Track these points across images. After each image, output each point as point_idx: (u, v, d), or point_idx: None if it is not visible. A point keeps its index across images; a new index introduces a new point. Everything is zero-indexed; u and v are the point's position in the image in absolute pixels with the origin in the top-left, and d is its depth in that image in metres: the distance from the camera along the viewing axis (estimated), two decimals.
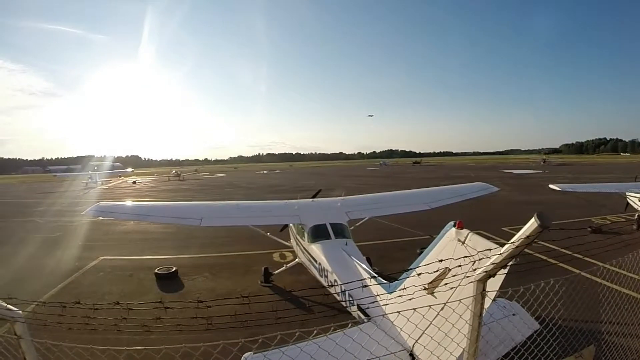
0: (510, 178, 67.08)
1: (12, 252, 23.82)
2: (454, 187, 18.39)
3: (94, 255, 21.46)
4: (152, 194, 63.14)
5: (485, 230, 20.35)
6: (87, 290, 16.08)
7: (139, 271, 18.13)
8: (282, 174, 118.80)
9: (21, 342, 3.90)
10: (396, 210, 15.46)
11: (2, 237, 29.68)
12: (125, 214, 15.63)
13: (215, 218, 14.32)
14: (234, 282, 16.07)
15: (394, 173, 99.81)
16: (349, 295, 8.53)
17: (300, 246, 13.78)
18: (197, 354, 4.22)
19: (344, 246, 11.28)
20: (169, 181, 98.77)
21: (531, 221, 3.45)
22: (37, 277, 18.15)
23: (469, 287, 4.41)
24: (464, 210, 18.10)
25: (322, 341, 5.33)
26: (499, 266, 3.98)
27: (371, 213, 15.25)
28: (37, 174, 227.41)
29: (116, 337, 3.93)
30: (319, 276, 11.44)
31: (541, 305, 6.33)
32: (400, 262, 16.08)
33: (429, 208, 15.08)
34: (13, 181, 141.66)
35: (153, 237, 25.76)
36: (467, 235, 5.12)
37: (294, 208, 14.36)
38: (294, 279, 15.29)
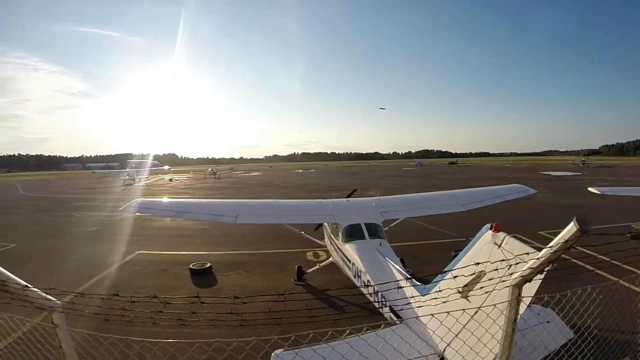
0: (548, 180, 65.54)
1: (52, 245, 24.48)
2: (491, 189, 18.06)
3: (130, 249, 21.91)
4: (189, 192, 63.90)
5: (521, 234, 19.99)
6: (122, 283, 16.39)
7: (174, 266, 18.38)
8: (316, 173, 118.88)
9: (58, 331, 3.96)
10: (431, 211, 15.25)
11: (43, 231, 30.58)
12: (162, 210, 15.80)
13: (251, 216, 14.38)
14: (267, 280, 16.13)
15: (429, 173, 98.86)
16: (382, 296, 8.47)
17: (334, 245, 13.74)
18: (230, 349, 4.24)
19: (378, 246, 11.18)
20: (205, 179, 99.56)
21: (570, 225, 3.36)
22: (75, 269, 18.60)
23: (504, 291, 4.32)
24: (500, 212, 17.79)
25: (353, 341, 5.30)
26: (535, 271, 3.89)
27: (406, 214, 15.15)
28: (77, 171, 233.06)
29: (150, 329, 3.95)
30: (352, 276, 11.38)
31: (577, 313, 6.14)
32: (434, 264, 15.94)
33: (465, 210, 14.84)
34: (53, 177, 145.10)
35: (188, 234, 26.05)
36: (504, 238, 5.02)
37: (328, 207, 14.35)
38: (327, 278, 15.27)
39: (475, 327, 4.98)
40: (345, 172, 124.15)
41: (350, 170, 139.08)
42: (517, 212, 27.57)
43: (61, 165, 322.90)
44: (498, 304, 4.48)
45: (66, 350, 4.02)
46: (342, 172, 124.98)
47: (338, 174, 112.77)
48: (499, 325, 4.51)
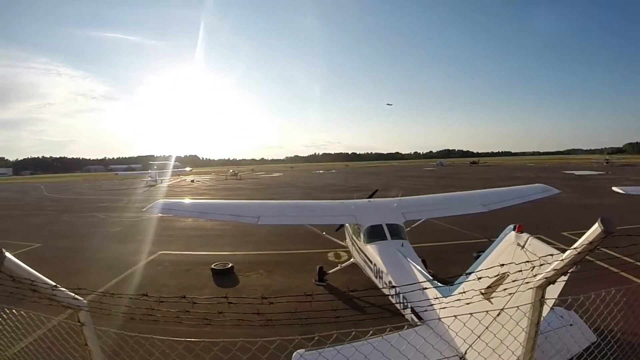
0: (571, 179, 64.37)
1: (75, 245, 24.91)
2: (513, 189, 17.81)
3: (152, 249, 22.13)
4: (210, 193, 64.34)
5: (544, 234, 19.65)
6: (145, 282, 16.58)
7: (195, 266, 18.51)
8: (338, 174, 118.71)
9: (84, 329, 4.04)
10: (453, 212, 15.17)
11: (67, 231, 31.08)
12: (185, 211, 15.95)
13: (273, 217, 14.41)
14: (288, 280, 16.17)
15: (450, 173, 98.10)
16: (403, 297, 8.44)
17: (356, 246, 13.72)
18: (254, 349, 4.27)
19: (400, 247, 11.13)
20: (226, 180, 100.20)
21: (595, 226, 3.33)
22: (98, 268, 18.87)
23: (527, 293, 4.29)
24: (522, 212, 17.58)
25: (374, 342, 5.26)
26: (559, 273, 3.85)
27: (428, 214, 15.07)
28: (100, 173, 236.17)
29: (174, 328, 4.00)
30: (374, 277, 11.35)
31: (600, 315, 6.00)
32: (456, 265, 15.83)
33: (487, 210, 14.70)
34: (77, 179, 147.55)
35: (210, 234, 26.24)
36: (527, 239, 4.97)
37: (350, 208, 14.31)
38: (348, 279, 15.21)
39: (498, 329, 4.94)
40: (366, 172, 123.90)
41: (371, 170, 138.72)
42: (539, 212, 27.20)
43: (84, 167, 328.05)
44: (521, 305, 4.44)
45: (92, 348, 4.10)
46: (363, 172, 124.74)
47: (359, 174, 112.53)
48: (522, 327, 4.48)
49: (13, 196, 76.12)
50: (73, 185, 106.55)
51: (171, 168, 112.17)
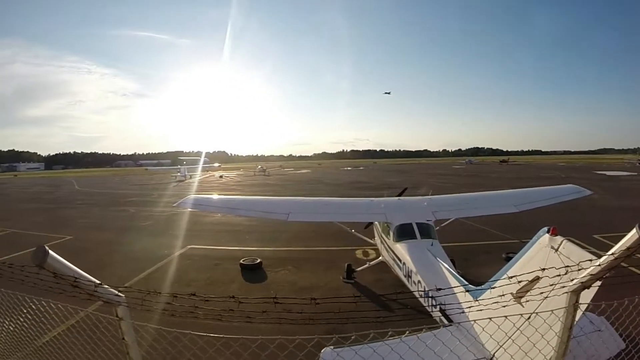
0: (603, 180, 62.60)
1: (106, 238, 25.42)
2: (544, 189, 17.56)
3: (182, 243, 22.43)
4: (239, 188, 64.73)
5: (575, 237, 19.27)
6: (175, 276, 16.83)
7: (224, 261, 18.70)
8: (365, 171, 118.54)
9: (122, 324, 4.14)
10: (483, 211, 14.96)
11: (98, 224, 31.71)
12: (215, 206, 16.07)
13: (302, 213, 14.38)
14: (316, 277, 16.21)
15: (480, 172, 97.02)
16: (432, 297, 8.37)
17: (385, 245, 13.68)
18: (273, 347, 4.31)
19: (429, 247, 11.06)
20: (255, 176, 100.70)
21: (632, 232, 3.29)
22: (128, 261, 19.24)
23: (560, 297, 4.24)
24: (551, 213, 17.20)
25: (402, 341, 5.27)
26: (595, 278, 3.81)
27: (458, 214, 14.90)
28: (130, 168, 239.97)
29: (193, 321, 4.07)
30: (403, 276, 11.32)
31: (633, 322, 5.89)
32: (484, 266, 15.65)
33: (517, 211, 14.46)
34: (107, 174, 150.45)
35: (239, 229, 26.39)
36: (562, 242, 4.92)
37: (380, 206, 14.28)
38: (376, 277, 15.14)
39: (528, 333, 4.89)
40: (394, 169, 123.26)
41: (399, 167, 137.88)
42: (570, 214, 26.54)
43: (114, 163, 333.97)
44: (555, 309, 4.40)
45: (129, 342, 4.19)
46: (391, 169, 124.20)
47: (387, 171, 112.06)
48: (555, 331, 4.43)
49: (45, 190, 77.65)
50: (104, 180, 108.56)
51: (200, 164, 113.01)
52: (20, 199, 60.03)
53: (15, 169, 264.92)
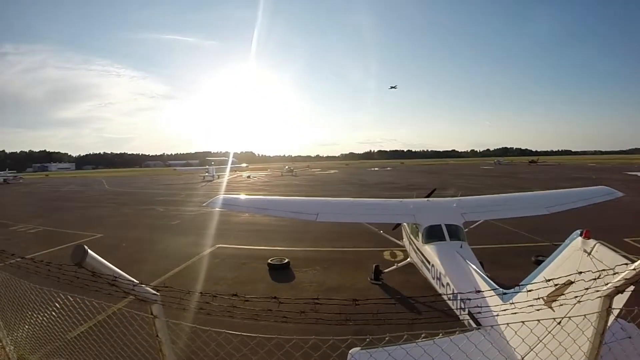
0: (635, 181, 60.39)
1: (135, 236, 25.89)
2: (575, 191, 17.11)
3: (210, 242, 22.68)
4: (266, 189, 65.03)
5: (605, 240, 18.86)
6: (203, 274, 17.02)
7: (252, 260, 18.82)
8: (393, 172, 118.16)
9: (156, 322, 4.22)
10: (513, 213, 14.69)
11: (127, 223, 32.22)
12: (244, 206, 16.13)
13: (331, 214, 14.30)
14: (344, 277, 16.19)
15: (508, 173, 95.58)
16: (461, 300, 8.27)
17: (413, 246, 13.58)
18: (307, 347, 4.33)
19: (458, 249, 10.89)
20: (282, 176, 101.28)
21: None
22: (157, 259, 19.54)
23: (592, 302, 4.19)
24: (581, 215, 16.86)
25: (430, 345, 5.22)
26: (629, 282, 3.76)
27: (487, 215, 14.62)
28: (159, 168, 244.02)
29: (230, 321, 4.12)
30: (431, 278, 11.23)
31: None
32: (514, 269, 15.50)
33: (548, 213, 14.14)
34: (136, 174, 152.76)
35: (267, 229, 26.54)
36: (595, 246, 4.84)
37: (409, 207, 14.13)
38: (403, 279, 15.11)
39: (559, 338, 4.83)
40: (422, 170, 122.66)
41: (427, 168, 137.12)
42: (599, 216, 25.88)
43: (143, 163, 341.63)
44: (587, 314, 4.34)
45: (162, 340, 4.27)
46: (418, 170, 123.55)
47: (415, 172, 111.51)
48: (587, 336, 4.37)
49: (76, 189, 79.60)
50: (133, 180, 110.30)
51: (228, 164, 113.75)
52: (51, 197, 61.40)
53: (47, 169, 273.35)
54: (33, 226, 31.44)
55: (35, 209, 43.74)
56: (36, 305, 7.16)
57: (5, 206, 48.98)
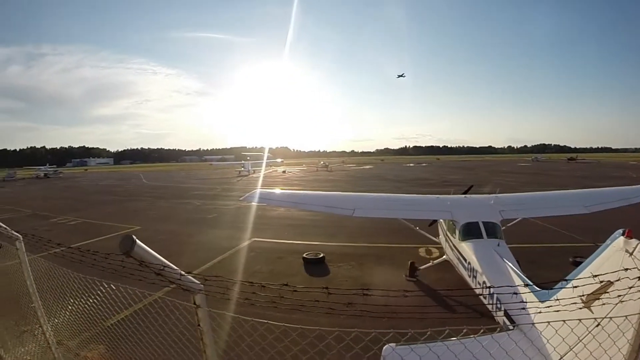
0: None
1: (172, 229, 26.39)
2: (615, 190, 16.68)
3: (246, 236, 23.05)
4: (302, 184, 65.27)
5: None
6: (239, 267, 17.34)
7: (287, 254, 19.03)
8: (428, 167, 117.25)
9: (198, 311, 4.31)
10: (551, 211, 14.44)
11: (164, 216, 32.86)
12: (281, 201, 16.25)
13: (368, 209, 14.34)
14: (378, 274, 16.21)
15: (546, 170, 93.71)
16: (497, 299, 8.20)
17: (450, 243, 13.52)
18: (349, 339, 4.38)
19: (496, 247, 10.80)
20: (317, 172, 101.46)
21: None
22: (194, 251, 19.92)
23: (632, 303, 4.14)
24: (617, 214, 16.45)
25: (465, 342, 5.20)
26: None
27: (525, 213, 14.39)
28: (195, 163, 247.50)
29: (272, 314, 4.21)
30: (467, 276, 11.16)
31: None
32: (551, 269, 15.30)
33: (587, 212, 13.85)
34: (173, 168, 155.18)
35: (301, 224, 26.77)
36: (637, 245, 4.76)
37: (446, 203, 14.09)
38: (439, 276, 15.03)
39: (598, 339, 4.78)
40: (457, 166, 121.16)
41: (463, 164, 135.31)
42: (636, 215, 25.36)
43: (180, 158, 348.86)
44: (628, 315, 4.28)
45: (204, 329, 4.36)
46: (454, 166, 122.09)
47: (450, 168, 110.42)
48: (627, 338, 4.32)
49: (115, 183, 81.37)
50: (170, 174, 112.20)
51: (264, 159, 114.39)
52: (91, 191, 62.95)
53: (86, 163, 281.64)
54: (73, 218, 32.46)
55: (74, 202, 45.01)
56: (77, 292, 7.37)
57: (46, 199, 50.46)
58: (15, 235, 7.79)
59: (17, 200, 49.55)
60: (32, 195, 58.34)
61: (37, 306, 7.86)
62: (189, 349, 6.11)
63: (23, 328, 9.57)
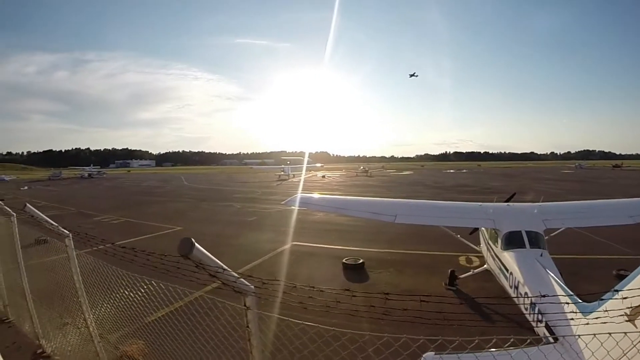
0: None
1: (213, 230, 26.95)
2: None
3: (285, 240, 23.21)
4: (341, 188, 65.27)
5: None
6: (278, 270, 17.46)
7: (327, 259, 19.14)
8: (469, 174, 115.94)
9: (248, 313, 4.47)
10: (597, 221, 14.01)
11: (205, 218, 33.63)
12: (323, 205, 16.41)
13: (410, 216, 14.26)
14: (418, 281, 16.14)
15: (591, 177, 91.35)
16: (539, 310, 8.06)
17: (491, 252, 13.33)
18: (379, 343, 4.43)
19: (538, 257, 10.61)
20: (357, 177, 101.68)
21: None
22: (233, 253, 20.18)
23: None
24: None
25: (505, 354, 5.22)
26: None
27: (569, 223, 14.03)
28: (235, 166, 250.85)
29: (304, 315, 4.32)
30: (508, 286, 10.99)
31: None
32: (594, 281, 14.88)
33: (633, 222, 13.35)
34: (214, 171, 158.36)
35: (341, 229, 26.72)
36: None
37: (488, 211, 13.82)
38: (479, 286, 14.88)
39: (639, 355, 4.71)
40: (499, 173, 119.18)
41: (504, 171, 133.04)
42: None
43: (220, 161, 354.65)
44: None
45: (252, 330, 4.51)
46: (495, 173, 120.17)
47: (491, 175, 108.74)
48: None
49: (156, 184, 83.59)
50: (210, 177, 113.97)
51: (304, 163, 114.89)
52: (133, 191, 64.77)
53: (129, 165, 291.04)
54: (116, 217, 33.57)
55: (117, 202, 46.41)
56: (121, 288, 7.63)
57: (90, 198, 52.08)
58: (65, 232, 8.12)
59: (63, 199, 51.42)
60: (77, 194, 60.43)
61: (83, 300, 8.17)
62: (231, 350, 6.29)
63: (65, 320, 10.03)
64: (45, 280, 10.53)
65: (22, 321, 11.39)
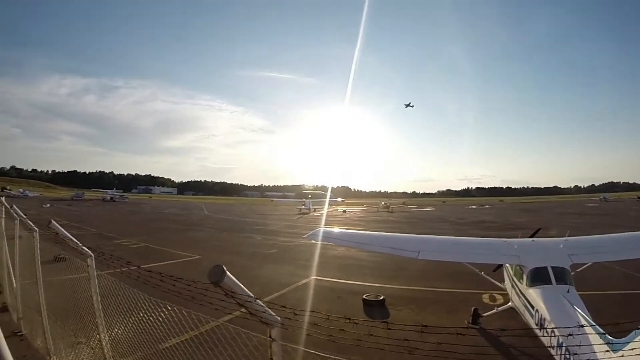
0: None
1: (232, 260, 26.83)
2: None
3: (305, 274, 23.04)
4: (362, 224, 65.14)
5: None
6: (296, 304, 17.01)
7: (346, 294, 18.86)
8: (491, 210, 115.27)
9: (273, 344, 4.42)
10: (624, 255, 13.58)
11: (225, 248, 34.01)
12: (344, 240, 16.22)
13: (433, 252, 14.13)
14: (440, 319, 15.85)
15: (615, 210, 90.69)
16: (566, 349, 7.87)
17: (516, 289, 13.03)
18: None
19: (565, 293, 10.40)
20: (378, 212, 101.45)
21: None
22: (254, 285, 19.51)
23: None
24: None
25: None
26: None
27: (596, 257, 13.58)
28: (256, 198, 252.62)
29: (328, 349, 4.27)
30: (534, 324, 10.76)
31: None
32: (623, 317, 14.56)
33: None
34: (235, 202, 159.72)
35: (361, 264, 26.50)
36: None
37: (513, 247, 13.55)
38: (503, 324, 14.29)
39: None
40: (521, 208, 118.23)
41: (527, 206, 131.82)
42: None
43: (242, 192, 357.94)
44: None
45: None
46: (518, 208, 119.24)
47: (514, 210, 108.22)
48: None
49: (178, 212, 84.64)
50: (231, 208, 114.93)
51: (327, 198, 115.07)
52: (154, 218, 65.63)
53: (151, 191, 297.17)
54: (136, 241, 34.18)
55: (138, 227, 47.31)
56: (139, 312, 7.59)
57: (111, 221, 52.90)
58: (88, 252, 8.16)
59: (84, 220, 52.44)
60: (98, 216, 61.53)
61: (100, 321, 8.15)
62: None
63: (79, 339, 10.03)
64: (62, 297, 10.61)
65: (35, 335, 11.54)
